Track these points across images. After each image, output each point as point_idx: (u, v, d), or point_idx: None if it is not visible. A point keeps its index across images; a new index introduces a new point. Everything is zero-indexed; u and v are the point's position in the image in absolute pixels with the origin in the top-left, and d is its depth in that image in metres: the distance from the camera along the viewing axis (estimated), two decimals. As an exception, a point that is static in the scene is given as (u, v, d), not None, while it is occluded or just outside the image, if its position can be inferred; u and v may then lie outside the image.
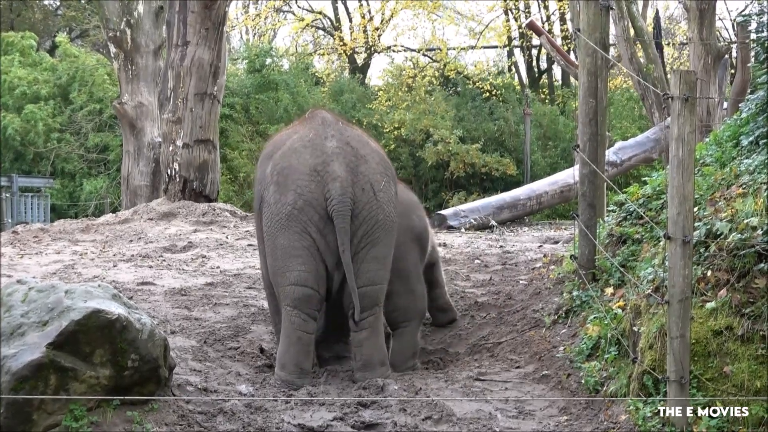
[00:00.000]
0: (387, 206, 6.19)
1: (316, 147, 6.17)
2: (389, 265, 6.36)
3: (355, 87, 26.87)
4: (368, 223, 6.10)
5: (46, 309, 5.06)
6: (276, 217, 6.15)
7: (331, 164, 6.08)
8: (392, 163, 6.99)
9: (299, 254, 6.07)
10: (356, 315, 6.10)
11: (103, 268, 9.66)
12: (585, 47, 7.42)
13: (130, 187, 18.18)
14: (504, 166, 23.63)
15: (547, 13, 30.78)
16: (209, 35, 14.73)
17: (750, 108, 6.70)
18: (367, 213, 6.09)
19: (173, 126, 14.87)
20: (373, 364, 6.25)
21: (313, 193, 6.04)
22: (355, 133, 6.39)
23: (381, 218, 6.14)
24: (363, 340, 6.26)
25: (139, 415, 5.09)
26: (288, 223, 6.08)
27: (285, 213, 6.08)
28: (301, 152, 6.19)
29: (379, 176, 6.20)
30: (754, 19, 7.13)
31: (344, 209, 5.97)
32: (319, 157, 6.11)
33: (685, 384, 4.92)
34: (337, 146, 6.16)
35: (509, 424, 5.49)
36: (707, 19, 17.13)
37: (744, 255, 5.21)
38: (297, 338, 6.12)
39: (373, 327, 6.27)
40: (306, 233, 6.05)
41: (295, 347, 6.13)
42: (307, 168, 6.10)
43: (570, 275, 7.58)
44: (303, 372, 6.14)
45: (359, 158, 6.17)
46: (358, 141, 6.29)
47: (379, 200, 6.13)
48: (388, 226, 6.21)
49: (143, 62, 18.27)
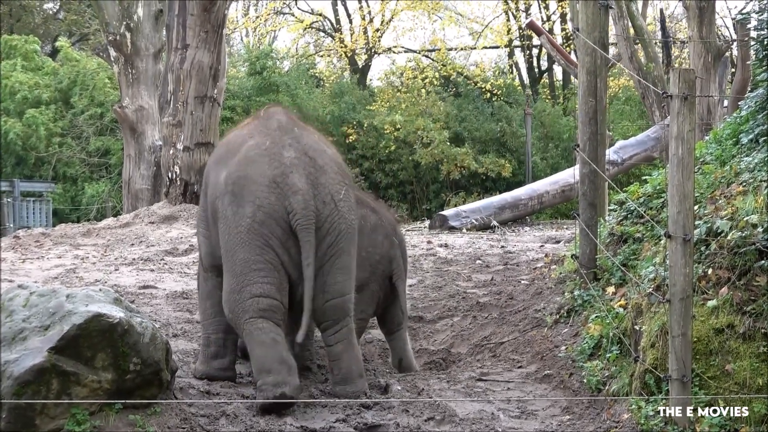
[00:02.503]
0: (348, 215, 6.03)
1: (274, 157, 5.92)
2: (354, 274, 6.16)
3: (354, 89, 26.87)
4: (332, 235, 5.92)
5: (48, 313, 5.06)
6: (235, 231, 5.83)
7: (291, 176, 5.85)
8: (393, 164, 6.94)
9: (261, 268, 5.78)
10: (299, 335, 5.78)
11: (104, 272, 9.67)
12: (584, 46, 7.42)
13: (131, 190, 18.19)
14: (500, 167, 23.63)
15: (547, 12, 30.79)
16: (209, 38, 14.73)
17: (750, 106, 6.71)
18: (330, 225, 5.91)
19: (174, 129, 14.87)
20: (352, 377, 6.00)
21: (274, 205, 5.80)
22: (312, 140, 6.16)
23: (344, 228, 5.97)
24: (340, 353, 6.02)
25: (142, 418, 5.09)
26: (248, 237, 5.79)
27: (245, 226, 5.79)
28: (258, 162, 5.93)
29: (338, 186, 6.02)
30: (754, 17, 7.12)
31: (308, 223, 5.77)
32: (278, 168, 5.87)
33: (687, 382, 4.92)
34: (295, 156, 5.94)
35: (512, 424, 5.49)
36: (707, 17, 17.12)
37: (745, 253, 5.22)
38: (272, 340, 5.72)
39: (348, 339, 6.05)
40: (268, 247, 5.79)
41: (274, 349, 5.71)
42: (265, 179, 5.84)
43: (571, 275, 7.58)
44: (291, 368, 5.69)
45: (318, 169, 5.96)
46: (315, 150, 6.07)
47: (340, 210, 5.96)
48: (351, 235, 6.05)
49: (143, 66, 18.29)
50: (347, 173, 6.28)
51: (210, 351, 6.29)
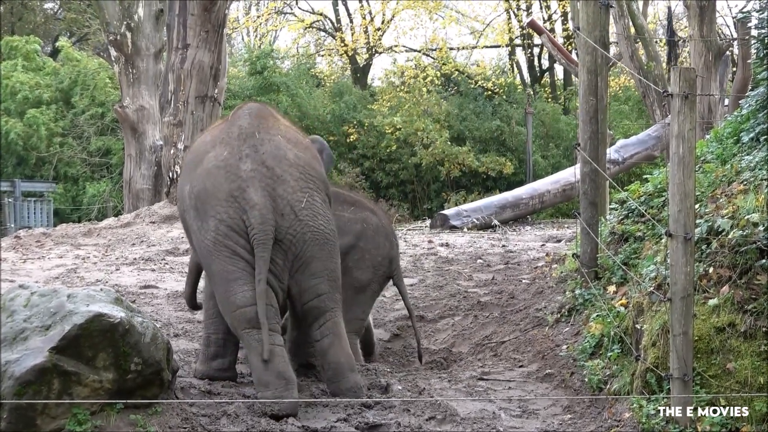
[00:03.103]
0: (313, 221, 5.90)
1: (230, 170, 5.86)
2: (335, 273, 6.07)
3: (352, 89, 26.85)
4: (296, 246, 5.84)
5: (49, 313, 5.07)
6: (203, 244, 5.89)
7: (247, 190, 5.79)
8: (394, 164, 6.92)
9: (237, 277, 5.78)
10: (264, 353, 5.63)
11: (105, 272, 9.68)
12: (585, 45, 7.42)
13: (132, 190, 18.19)
14: (501, 165, 23.62)
15: (549, 12, 30.78)
16: (209, 38, 14.72)
17: (750, 105, 6.71)
18: (292, 236, 5.82)
19: (174, 129, 14.86)
20: (342, 372, 5.92)
21: (233, 219, 5.77)
22: (272, 146, 5.99)
23: (309, 237, 5.86)
24: (327, 347, 5.97)
25: (143, 418, 5.09)
26: (216, 249, 5.81)
27: (210, 240, 5.82)
28: (215, 175, 5.89)
29: (299, 194, 5.89)
30: (755, 15, 7.12)
31: (265, 238, 5.70)
32: (234, 181, 5.82)
33: (689, 381, 4.92)
34: (251, 169, 5.84)
35: (513, 424, 5.49)
36: (707, 16, 17.11)
37: (745, 251, 5.22)
38: (269, 352, 5.68)
39: (335, 332, 5.98)
40: (237, 256, 5.78)
41: (272, 362, 5.67)
42: (222, 194, 5.81)
43: (572, 274, 7.58)
44: (289, 382, 5.66)
45: (276, 179, 5.85)
46: (275, 158, 5.93)
47: (302, 220, 5.84)
48: (321, 240, 5.93)
49: (144, 65, 18.29)
50: (312, 175, 6.08)
51: (210, 351, 6.29)
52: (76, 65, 25.76)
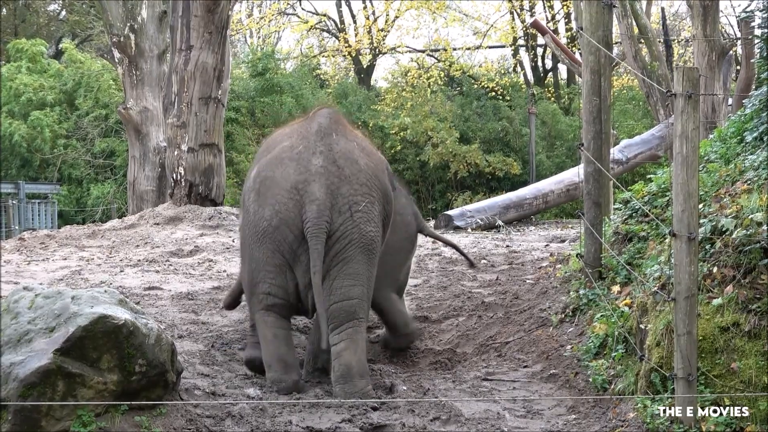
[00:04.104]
0: (365, 225, 6.06)
1: (301, 162, 6.07)
2: (370, 282, 6.20)
3: (358, 89, 26.84)
4: (341, 242, 5.99)
5: (53, 315, 5.07)
6: (253, 230, 6.14)
7: (312, 184, 5.97)
8: (399, 164, 6.98)
9: (271, 270, 6.08)
10: (322, 342, 5.94)
11: (109, 274, 9.68)
12: (588, 45, 7.41)
13: (136, 192, 18.22)
14: (508, 165, 23.62)
15: (552, 12, 30.77)
16: (213, 39, 14.71)
17: (754, 104, 6.70)
18: (341, 233, 5.98)
19: (178, 130, 14.85)
20: (351, 374, 5.98)
21: (291, 212, 5.97)
22: (347, 148, 6.20)
23: (356, 237, 6.03)
24: (341, 350, 6.04)
25: (147, 419, 5.10)
26: (263, 239, 6.06)
27: (262, 228, 6.06)
28: (286, 165, 6.11)
29: (360, 197, 6.07)
30: (758, 15, 7.12)
31: (319, 232, 5.87)
32: (302, 174, 6.02)
33: (693, 381, 4.92)
34: (322, 165, 6.04)
35: (517, 424, 5.49)
36: (711, 15, 17.07)
37: (749, 251, 5.21)
38: (273, 335, 6.11)
39: (352, 338, 6.06)
40: (279, 252, 6.03)
41: (274, 344, 6.11)
42: (288, 184, 6.02)
43: (576, 274, 7.58)
44: (288, 366, 6.09)
45: (342, 179, 6.04)
46: (346, 159, 6.13)
47: (355, 220, 6.02)
48: (365, 244, 6.07)
49: (147, 67, 18.32)
50: (377, 186, 6.25)
51: (255, 337, 6.59)
52: (80, 67, 25.78)
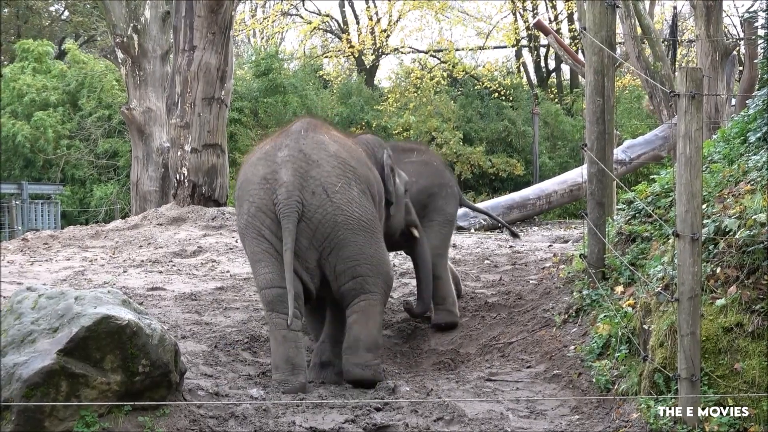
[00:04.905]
0: (348, 206, 6.22)
1: (269, 158, 6.30)
2: (375, 259, 6.36)
3: (362, 89, 26.84)
4: (325, 226, 6.17)
5: (56, 316, 5.07)
6: (240, 228, 6.44)
7: (279, 172, 6.19)
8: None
9: (261, 258, 6.23)
10: (289, 319, 6.02)
11: (113, 274, 9.69)
12: (591, 46, 7.41)
13: (139, 192, 18.23)
14: (511, 166, 23.61)
15: (555, 12, 30.76)
16: (216, 39, 14.72)
17: (757, 104, 6.70)
18: (321, 216, 6.16)
19: (181, 131, 14.86)
20: (357, 347, 6.28)
21: (263, 199, 6.18)
22: (315, 139, 6.39)
23: (341, 220, 6.18)
24: (351, 323, 6.33)
25: (151, 420, 5.10)
26: (246, 231, 6.29)
27: (243, 222, 6.33)
28: (256, 164, 6.36)
29: (334, 178, 6.23)
30: (761, 15, 7.11)
31: (290, 211, 6.06)
32: (270, 167, 6.24)
33: (696, 381, 4.91)
34: (287, 155, 6.25)
35: (521, 424, 5.49)
36: (714, 16, 17.05)
37: (753, 251, 5.20)
38: (282, 337, 6.15)
39: (364, 311, 6.32)
40: (261, 237, 6.19)
41: (282, 346, 6.15)
42: (257, 178, 6.26)
43: (580, 274, 7.57)
44: (296, 368, 6.12)
45: (311, 163, 6.22)
46: (314, 147, 6.32)
47: (335, 202, 6.18)
48: (355, 225, 6.24)
49: (151, 67, 18.33)
50: (352, 168, 6.41)
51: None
52: (83, 67, 25.82)
